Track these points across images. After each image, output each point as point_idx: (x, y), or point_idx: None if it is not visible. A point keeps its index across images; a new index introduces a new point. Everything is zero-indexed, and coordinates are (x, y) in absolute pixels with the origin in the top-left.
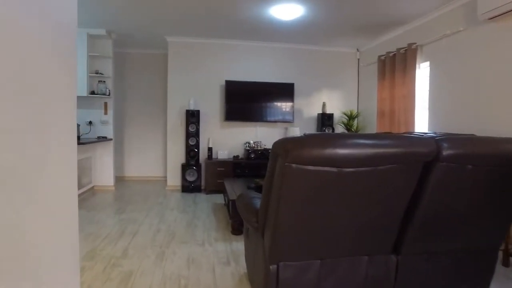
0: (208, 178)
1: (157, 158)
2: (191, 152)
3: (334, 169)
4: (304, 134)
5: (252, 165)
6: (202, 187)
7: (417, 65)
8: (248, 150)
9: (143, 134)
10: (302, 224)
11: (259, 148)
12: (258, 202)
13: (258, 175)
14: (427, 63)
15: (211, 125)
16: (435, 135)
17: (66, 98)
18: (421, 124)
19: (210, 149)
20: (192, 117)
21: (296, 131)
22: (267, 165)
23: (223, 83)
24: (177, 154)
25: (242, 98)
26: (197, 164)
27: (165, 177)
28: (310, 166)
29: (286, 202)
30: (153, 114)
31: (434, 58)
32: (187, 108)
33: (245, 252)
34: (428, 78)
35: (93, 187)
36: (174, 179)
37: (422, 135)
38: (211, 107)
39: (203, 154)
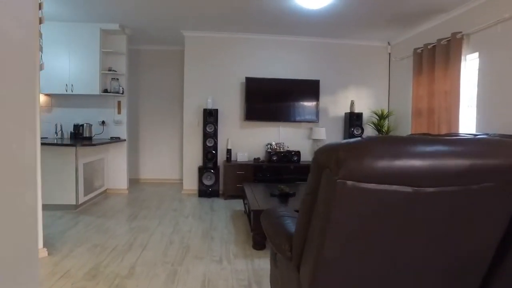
0: (226, 182)
1: (173, 160)
2: (209, 154)
3: (408, 189)
4: (362, 137)
5: (274, 168)
6: (220, 192)
7: (462, 57)
8: (270, 152)
9: (158, 135)
10: (357, 261)
11: (281, 150)
12: (290, 224)
13: (280, 179)
14: (475, 54)
15: (230, 125)
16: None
17: (20, 93)
18: (466, 123)
19: (229, 151)
20: (210, 116)
21: (321, 132)
22: (290, 168)
23: (243, 80)
24: (193, 156)
25: (263, 96)
26: (215, 167)
27: (181, 180)
28: (372, 184)
29: (336, 232)
30: (169, 113)
31: (485, 48)
32: (205, 107)
33: (271, 278)
34: (476, 72)
35: (105, 190)
36: (191, 183)
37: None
38: (230, 106)
39: (221, 156)
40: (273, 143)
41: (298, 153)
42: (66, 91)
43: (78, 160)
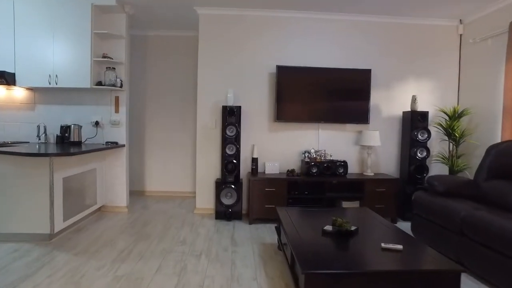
0: (252, 202)
1: (185, 169)
2: (229, 164)
3: None
4: None
5: (314, 184)
6: (243, 212)
7: None
8: (308, 162)
9: (167, 139)
10: None
11: (323, 160)
12: None
13: (321, 198)
14: None
15: (256, 128)
16: None
17: None
18: None
19: (255, 161)
20: (231, 115)
21: (374, 137)
22: (334, 184)
23: (273, 69)
24: (209, 167)
25: (299, 90)
26: (237, 182)
27: (195, 193)
28: None
29: None
30: (181, 112)
31: None
32: (224, 104)
33: None
34: None
35: (100, 208)
36: (205, 200)
37: None
38: (257, 103)
39: (245, 168)
40: (312, 150)
41: (344, 164)
42: (49, 83)
43: (54, 173)
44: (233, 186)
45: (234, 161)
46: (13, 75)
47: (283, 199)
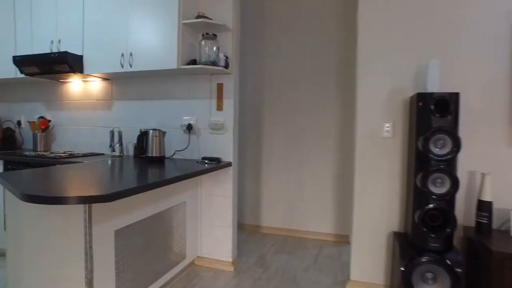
0: None
1: (323, 199)
2: (433, 212)
3: None
4: None
5: None
6: None
7: None
8: None
9: (297, 152)
10: None
11: None
12: None
13: None
14: None
15: (480, 138)
16: None
17: None
18: None
19: (486, 207)
20: (442, 113)
21: None
22: None
23: None
24: (378, 207)
25: None
26: (449, 249)
27: (347, 237)
28: None
29: None
30: (322, 109)
31: None
32: (421, 91)
33: None
34: None
35: (193, 261)
36: (370, 268)
37: None
38: (480, 89)
39: (463, 216)
40: None
41: None
42: (122, 66)
43: (95, 227)
44: (439, 263)
45: (445, 207)
46: (81, 58)
47: None
